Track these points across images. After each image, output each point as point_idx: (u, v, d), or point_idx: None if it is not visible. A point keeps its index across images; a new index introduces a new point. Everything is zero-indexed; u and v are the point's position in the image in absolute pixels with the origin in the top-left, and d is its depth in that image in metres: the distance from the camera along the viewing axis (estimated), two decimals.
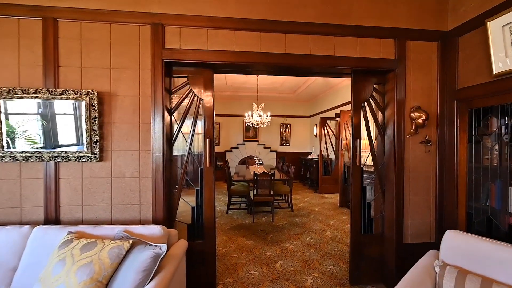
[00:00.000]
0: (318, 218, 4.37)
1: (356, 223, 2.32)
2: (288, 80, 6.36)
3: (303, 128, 8.98)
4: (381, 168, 2.35)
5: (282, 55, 2.14)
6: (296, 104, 8.94)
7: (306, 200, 5.72)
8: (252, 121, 5.65)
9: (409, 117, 2.19)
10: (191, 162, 2.26)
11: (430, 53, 2.25)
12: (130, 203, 2.05)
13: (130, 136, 2.05)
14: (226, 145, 8.65)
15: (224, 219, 4.35)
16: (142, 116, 2.06)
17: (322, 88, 6.92)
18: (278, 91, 7.67)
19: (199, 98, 2.22)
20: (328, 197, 6.01)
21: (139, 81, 2.06)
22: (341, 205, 5.08)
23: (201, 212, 2.23)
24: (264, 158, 8.56)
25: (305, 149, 8.93)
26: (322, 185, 6.34)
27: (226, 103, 8.62)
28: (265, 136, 8.82)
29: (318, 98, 7.95)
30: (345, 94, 6.02)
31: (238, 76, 6.05)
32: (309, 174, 7.13)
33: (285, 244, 3.30)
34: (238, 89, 7.37)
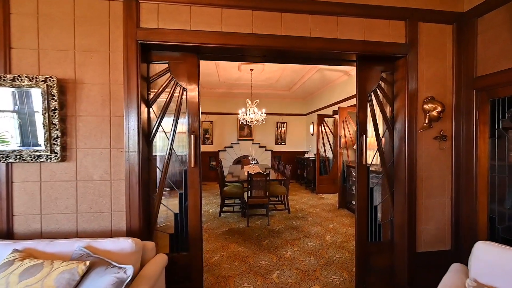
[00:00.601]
0: (316, 220, 4.11)
1: (362, 229, 2.06)
2: (284, 76, 6.09)
3: (299, 127, 8.73)
4: (390, 167, 2.09)
5: (278, 38, 1.85)
6: (292, 101, 8.68)
7: (303, 201, 5.46)
8: (246, 118, 5.35)
9: (421, 109, 1.94)
10: (174, 162, 1.95)
11: (444, 37, 1.99)
12: (100, 211, 1.73)
13: (99, 132, 1.73)
14: (219, 144, 8.33)
15: (216, 222, 4.05)
16: (114, 108, 1.74)
17: (319, 85, 6.67)
18: (273, 87, 7.39)
19: (182, 88, 1.91)
20: (326, 197, 5.76)
21: (109, 67, 1.74)
22: (341, 206, 4.84)
23: (185, 219, 1.92)
24: (259, 157, 8.27)
25: (301, 148, 8.69)
26: (320, 185, 6.09)
27: (219, 100, 8.30)
28: (260, 134, 8.53)
29: (315, 95, 7.70)
30: (343, 90, 5.78)
31: (232, 72, 5.75)
32: (306, 174, 6.87)
33: (282, 250, 3.01)
34: (231, 85, 7.06)
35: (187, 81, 1.90)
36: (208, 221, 4.11)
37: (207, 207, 4.97)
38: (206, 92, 7.70)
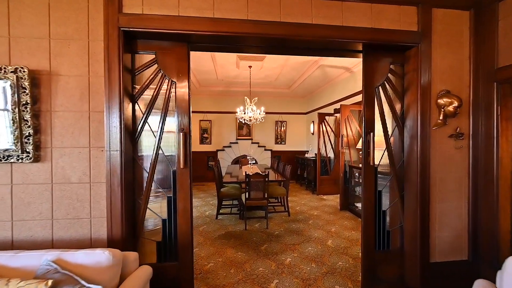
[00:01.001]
0: (317, 223, 3.93)
1: (369, 237, 1.87)
2: (283, 73, 5.90)
3: (299, 126, 8.55)
4: (399, 168, 1.91)
5: (276, 24, 1.67)
6: (292, 100, 8.49)
7: (303, 202, 5.27)
8: (245, 117, 5.17)
9: (435, 104, 1.76)
10: (163, 163, 1.77)
11: (461, 24, 1.81)
12: (78, 217, 1.55)
13: (77, 129, 1.55)
14: (218, 144, 8.15)
15: (213, 225, 3.87)
16: (93, 102, 1.56)
17: (319, 83, 6.49)
18: (272, 86, 7.20)
19: (171, 81, 1.73)
20: (328, 199, 5.58)
21: (88, 57, 1.56)
22: (343, 208, 4.65)
23: (174, 226, 1.74)
24: (258, 157, 8.09)
25: (301, 148, 8.50)
26: (321, 186, 5.91)
27: (218, 99, 8.12)
28: (259, 134, 8.35)
29: (315, 93, 7.51)
30: (344, 88, 5.59)
31: (230, 69, 5.57)
32: (306, 174, 6.69)
33: (281, 256, 2.83)
34: (230, 83, 6.88)
35: (176, 73, 1.72)
36: (204, 224, 3.93)
37: (204, 209, 4.80)
38: (204, 91, 7.52)
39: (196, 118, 8.06)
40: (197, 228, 3.75)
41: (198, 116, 8.06)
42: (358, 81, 4.96)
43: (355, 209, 4.38)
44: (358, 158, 4.75)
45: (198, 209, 4.76)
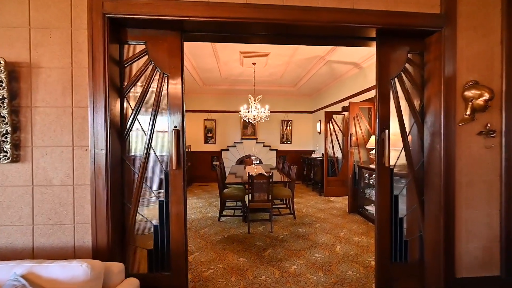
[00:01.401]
0: (325, 227, 3.71)
1: (384, 247, 1.67)
2: (288, 70, 5.70)
3: (305, 125, 8.32)
4: (419, 170, 1.69)
5: (279, 9, 1.49)
6: (298, 98, 8.27)
7: (310, 204, 5.06)
8: (249, 115, 5.00)
9: (461, 97, 1.54)
10: (155, 164, 1.61)
11: (490, 6, 1.58)
12: (60, 223, 1.41)
13: (59, 126, 1.41)
14: (222, 144, 8.01)
15: (215, 228, 3.71)
16: (77, 97, 1.42)
17: (326, 80, 6.25)
18: (277, 84, 7.00)
19: (163, 74, 1.57)
20: (335, 201, 5.34)
21: (71, 47, 1.42)
22: (352, 211, 4.42)
23: (166, 232, 1.58)
24: (263, 157, 7.91)
25: (308, 147, 8.27)
26: (328, 188, 5.67)
27: (222, 98, 7.98)
28: (265, 133, 8.16)
29: (322, 91, 7.27)
30: (353, 84, 5.34)
31: (233, 66, 5.41)
32: (313, 174, 6.47)
33: (285, 263, 2.65)
34: (234, 82, 6.72)
35: (169, 66, 1.56)
36: (206, 226, 3.78)
37: (207, 210, 4.65)
38: (208, 89, 7.40)
39: (200, 118, 7.95)
40: (199, 230, 3.60)
41: (203, 115, 7.95)
42: (368, 77, 4.71)
43: (365, 212, 4.14)
44: (368, 158, 4.51)
45: (200, 211, 4.62)
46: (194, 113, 7.95)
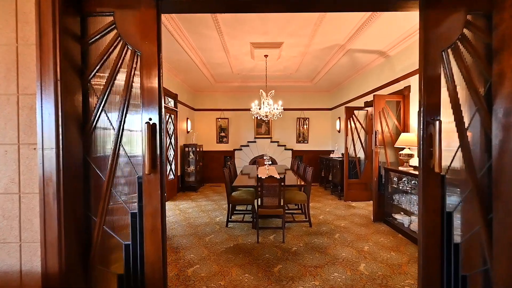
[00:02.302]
0: (345, 238, 3.23)
1: (431, 281, 1.21)
2: (305, 63, 5.22)
3: (323, 123, 7.76)
4: (484, 177, 1.21)
5: None
6: (315, 94, 7.74)
7: (328, 210, 4.56)
8: (260, 112, 4.62)
9: None
10: (128, 166, 1.29)
11: None
12: (4, 241, 1.14)
13: (2, 119, 1.14)
14: (235, 143, 7.72)
15: (222, 235, 3.38)
16: (24, 81, 1.14)
17: (347, 72, 5.68)
18: (293, 79, 6.54)
19: (135, 52, 1.24)
20: (357, 206, 4.79)
21: (16, 18, 1.13)
22: (377, 219, 3.87)
23: (140, 253, 1.25)
24: (278, 157, 7.49)
25: (326, 147, 7.71)
26: (349, 191, 5.12)
27: (234, 96, 7.68)
28: (279, 132, 7.74)
29: (342, 85, 6.69)
30: (378, 76, 4.75)
31: (244, 60, 5.06)
32: (332, 176, 5.93)
33: (298, 284, 2.23)
34: (247, 77, 6.38)
35: (141, 42, 1.23)
36: (212, 232, 3.47)
37: (215, 214, 4.34)
38: (220, 87, 7.13)
39: (213, 116, 7.72)
40: (204, 237, 3.29)
41: (215, 114, 7.72)
42: (395, 67, 4.12)
43: (393, 221, 3.58)
44: (397, 160, 3.92)
45: (209, 214, 4.32)
46: (207, 112, 7.74)
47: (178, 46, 4.13)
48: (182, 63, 5.02)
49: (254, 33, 3.79)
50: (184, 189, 6.31)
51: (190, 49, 4.38)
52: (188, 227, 3.70)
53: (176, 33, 3.68)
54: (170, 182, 5.54)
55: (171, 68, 5.32)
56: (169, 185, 5.49)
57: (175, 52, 4.40)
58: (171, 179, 5.62)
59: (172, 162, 5.75)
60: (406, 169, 3.37)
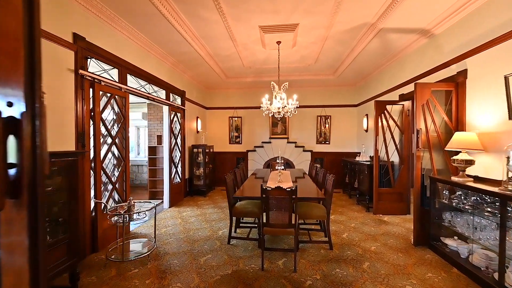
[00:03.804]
0: (378, 270, 2.47)
1: None
2: (326, 51, 4.47)
3: (347, 121, 6.87)
4: None
5: None
6: (338, 89, 6.88)
7: (353, 225, 3.77)
8: (271, 108, 3.97)
9: None
10: None
11: None
12: None
13: None
14: (249, 144, 7.15)
15: (220, 256, 2.81)
16: None
17: (377, 60, 4.80)
18: (312, 72, 5.79)
19: None
20: (390, 222, 3.92)
21: None
22: (420, 243, 3.01)
23: None
24: (295, 159, 6.76)
25: (350, 148, 6.81)
26: (379, 202, 4.27)
27: (247, 93, 7.11)
28: (297, 132, 7.01)
29: (370, 77, 5.77)
30: (419, 62, 3.84)
31: (255, 50, 4.45)
32: (358, 183, 5.07)
33: None
34: (260, 72, 5.77)
35: None
36: (211, 251, 2.91)
37: (219, 225, 3.79)
38: (232, 83, 6.60)
39: (225, 115, 7.23)
40: (199, 258, 2.74)
41: (228, 112, 7.22)
42: (444, 48, 3.23)
43: (442, 248, 2.72)
44: (446, 166, 3.04)
45: (212, 226, 3.78)
46: (219, 110, 7.27)
47: (178, 36, 3.65)
48: (187, 56, 4.56)
49: (262, 12, 3.16)
50: (192, 193, 5.88)
51: (193, 39, 3.88)
52: (185, 241, 3.19)
53: (173, 17, 3.19)
54: (175, 186, 5.12)
55: (176, 63, 4.89)
56: (175, 190, 5.07)
57: (177, 43, 3.94)
58: (176, 183, 5.20)
59: (178, 164, 5.33)
60: (463, 180, 2.50)
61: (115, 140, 3.24)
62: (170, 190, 4.87)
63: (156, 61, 4.32)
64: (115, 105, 3.28)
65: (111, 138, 3.18)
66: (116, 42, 3.28)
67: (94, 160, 2.88)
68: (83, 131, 2.73)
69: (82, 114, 2.73)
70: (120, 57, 3.35)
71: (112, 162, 3.29)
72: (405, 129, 4.26)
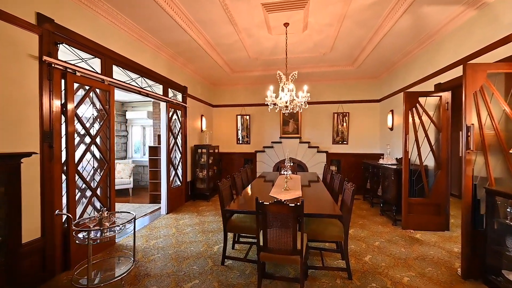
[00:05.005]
0: None
1: None
2: (343, 35, 3.79)
3: (368, 118, 6.08)
4: None
5: None
6: (358, 82, 6.11)
7: (378, 244, 3.08)
8: (278, 102, 3.38)
9: None
10: None
11: None
12: None
13: None
14: (257, 144, 6.60)
15: (211, 280, 2.28)
16: None
17: (407, 45, 4.02)
18: (326, 62, 5.10)
19: None
20: (425, 240, 3.18)
21: None
22: (470, 275, 2.28)
23: None
24: (308, 161, 6.10)
25: (372, 149, 6.02)
26: (410, 215, 3.52)
27: (256, 88, 6.56)
28: (311, 130, 6.34)
29: (397, 67, 4.97)
30: (464, 40, 3.06)
31: (261, 36, 3.89)
32: (382, 190, 4.33)
33: None
34: (268, 64, 5.19)
35: None
36: (200, 275, 2.39)
37: (216, 238, 3.27)
38: (239, 78, 6.08)
39: (232, 113, 6.74)
40: (183, 284, 2.23)
41: (235, 110, 6.72)
42: (499, 18, 2.45)
43: (505, 285, 1.98)
44: (509, 174, 2.27)
45: (208, 238, 3.27)
46: (225, 108, 6.79)
47: (169, 19, 3.18)
48: (184, 47, 4.10)
49: None
50: (194, 197, 5.44)
51: (187, 24, 3.40)
52: (173, 259, 2.70)
53: None
54: (175, 190, 4.69)
55: (175, 55, 4.45)
56: (174, 194, 4.64)
57: (169, 30, 3.47)
58: (176, 187, 4.77)
59: (178, 166, 4.90)
60: None
61: (95, 140, 2.83)
62: (168, 194, 4.44)
63: (151, 52, 3.90)
64: (96, 99, 2.87)
65: (90, 138, 2.78)
66: (98, 28, 2.87)
67: (66, 163, 2.48)
68: (50, 129, 2.33)
69: (50, 109, 2.33)
70: (104, 45, 2.94)
71: (93, 164, 2.88)
72: (443, 126, 3.48)
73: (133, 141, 7.59)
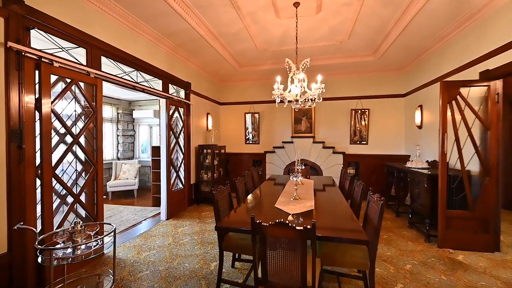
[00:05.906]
0: None
1: None
2: (364, 17, 3.24)
3: (392, 115, 5.41)
4: None
5: None
6: (380, 75, 5.45)
7: (409, 267, 2.51)
8: (286, 96, 2.89)
9: None
10: None
11: None
12: None
13: None
14: (267, 144, 6.14)
15: None
16: None
17: (441, 29, 3.37)
18: (344, 52, 4.52)
19: None
20: (470, 264, 2.56)
21: None
22: None
23: None
24: (323, 163, 5.54)
25: (396, 150, 5.35)
26: (448, 231, 2.90)
27: (266, 84, 6.09)
28: (326, 129, 5.77)
29: (427, 55, 4.28)
30: None
31: (268, 22, 3.44)
32: (411, 199, 3.70)
33: None
34: (278, 56, 4.71)
35: None
36: None
37: (215, 252, 2.85)
38: (247, 73, 5.64)
39: (241, 111, 6.32)
40: None
41: (243, 107, 6.30)
42: None
43: None
44: None
45: (206, 252, 2.86)
46: (233, 106, 6.39)
47: (162, 3, 2.80)
48: (185, 37, 3.73)
49: None
50: (198, 201, 5.08)
51: (184, 9, 3.01)
52: (162, 279, 2.31)
53: None
54: (176, 194, 4.35)
55: (175, 47, 4.09)
56: (175, 198, 4.30)
57: (164, 16, 3.10)
58: (177, 190, 4.43)
59: (180, 168, 4.55)
60: None
61: (78, 139, 2.51)
62: (168, 198, 4.10)
63: (147, 44, 3.57)
64: (80, 94, 2.56)
65: (72, 137, 2.46)
66: (82, 14, 2.55)
67: (41, 166, 2.16)
68: (20, 127, 2.02)
69: (20, 104, 2.02)
70: (90, 34, 2.62)
71: (76, 167, 2.57)
72: (493, 122, 2.82)
73: (140, 141, 7.41)
